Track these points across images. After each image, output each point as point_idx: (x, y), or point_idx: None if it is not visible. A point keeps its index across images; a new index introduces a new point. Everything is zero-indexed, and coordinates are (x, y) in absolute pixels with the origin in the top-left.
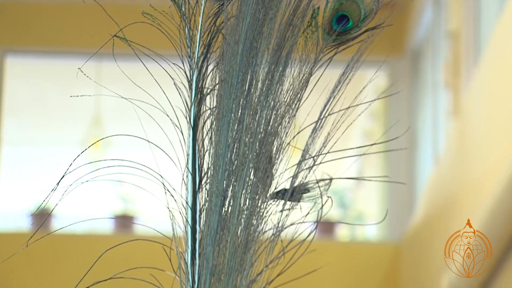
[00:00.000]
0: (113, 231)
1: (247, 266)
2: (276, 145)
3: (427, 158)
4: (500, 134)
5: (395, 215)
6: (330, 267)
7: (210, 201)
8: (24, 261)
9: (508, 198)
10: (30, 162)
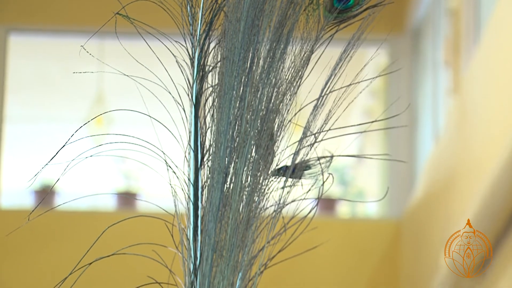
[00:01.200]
0: (116, 208)
1: (248, 243)
2: (277, 122)
3: (427, 136)
4: (500, 112)
5: (395, 192)
6: (331, 243)
7: (212, 178)
8: (28, 237)
9: (508, 175)
10: (33, 139)
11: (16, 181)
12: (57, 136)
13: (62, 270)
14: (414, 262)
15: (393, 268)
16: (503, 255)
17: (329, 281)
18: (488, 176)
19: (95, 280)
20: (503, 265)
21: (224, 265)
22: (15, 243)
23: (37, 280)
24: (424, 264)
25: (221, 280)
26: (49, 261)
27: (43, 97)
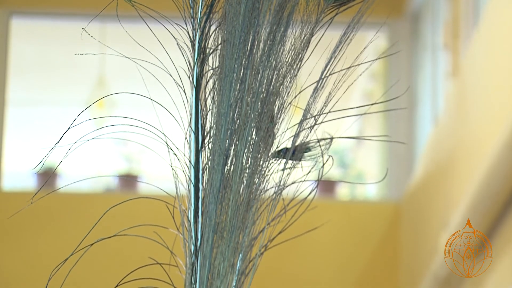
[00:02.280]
0: (118, 190)
1: (249, 224)
2: (277, 105)
3: (426, 118)
4: (498, 94)
5: (394, 174)
6: (330, 225)
7: (212, 160)
8: (30, 219)
9: (507, 156)
10: (35, 122)
11: (18, 164)
12: (59, 119)
13: (64, 252)
14: (413, 243)
15: (393, 250)
16: (502, 236)
17: (328, 263)
18: (487, 158)
19: (97, 261)
20: (502, 246)
21: (225, 246)
22: (18, 225)
23: (39, 261)
24: (423, 245)
25: (221, 261)
26: (51, 242)
27: (45, 80)
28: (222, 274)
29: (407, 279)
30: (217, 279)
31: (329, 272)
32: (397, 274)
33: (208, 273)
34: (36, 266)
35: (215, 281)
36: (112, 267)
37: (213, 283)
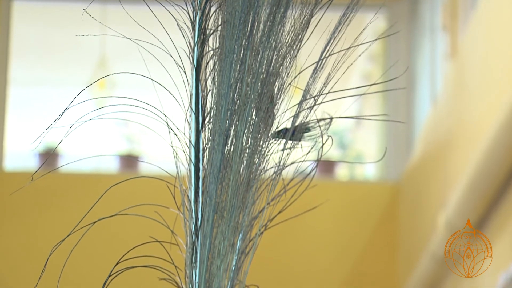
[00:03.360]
0: (119, 170)
1: (249, 204)
2: (277, 85)
3: (425, 99)
4: (496, 75)
5: (393, 155)
6: (330, 206)
7: (213, 140)
8: (32, 199)
9: (505, 136)
10: (37, 102)
11: (20, 143)
12: (60, 99)
13: (65, 231)
14: (412, 223)
15: (391, 229)
16: (500, 215)
17: (328, 243)
18: (485, 138)
19: (98, 240)
20: (500, 224)
21: (225, 225)
22: (20, 204)
23: (40, 240)
24: (422, 224)
25: (221, 240)
26: (52, 222)
27: (47, 61)
28: (222, 253)
29: (405, 258)
30: (217, 258)
31: (328, 252)
32: (395, 253)
33: (209, 252)
34: (38, 245)
35: (215, 260)
36: (113, 246)
37: (213, 262)
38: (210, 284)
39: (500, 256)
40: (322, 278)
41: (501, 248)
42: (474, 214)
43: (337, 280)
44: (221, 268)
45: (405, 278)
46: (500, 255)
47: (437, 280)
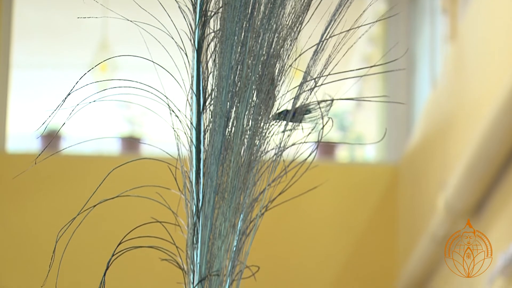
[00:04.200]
0: (120, 152)
1: (250, 185)
2: (278, 67)
3: (425, 81)
4: (496, 58)
5: (393, 137)
6: (330, 187)
7: (214, 122)
8: (35, 181)
9: (504, 118)
10: (39, 85)
11: (22, 126)
12: (62, 82)
13: (68, 213)
14: (411, 204)
15: (391, 211)
16: (499, 196)
17: (328, 224)
18: (484, 120)
19: (101, 222)
20: (499, 206)
21: (226, 207)
22: (22, 186)
23: (43, 222)
24: (422, 206)
25: (223, 221)
26: (55, 204)
27: (49, 44)
28: (223, 234)
29: (405, 239)
30: (219, 239)
31: (328, 233)
32: (395, 235)
33: (210, 233)
34: (41, 227)
35: (216, 241)
36: (115, 227)
37: (215, 243)
38: (211, 265)
39: (498, 237)
40: (322, 259)
41: (500, 229)
42: (473, 196)
43: (337, 261)
44: (222, 248)
45: (405, 258)
46: (499, 236)
47: (436, 261)
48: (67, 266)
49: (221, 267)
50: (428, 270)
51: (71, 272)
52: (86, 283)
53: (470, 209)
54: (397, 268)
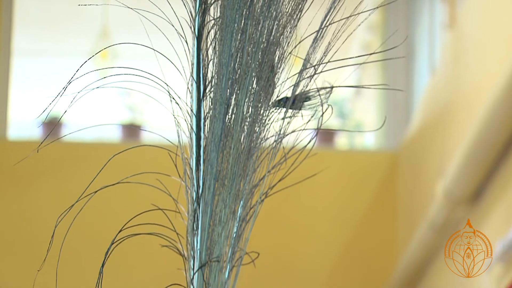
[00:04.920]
0: (121, 139)
1: (249, 172)
2: (278, 55)
3: (424, 69)
4: (494, 46)
5: (392, 124)
6: (329, 174)
7: (214, 109)
8: (36, 168)
9: (502, 106)
10: (40, 72)
11: (24, 113)
12: (63, 69)
13: (68, 199)
14: (410, 191)
15: (390, 198)
16: (497, 183)
17: (327, 211)
18: (483, 107)
19: (101, 209)
20: (496, 194)
21: (226, 193)
22: (23, 173)
23: (44, 209)
24: (421, 193)
25: (223, 208)
26: (56, 190)
27: (50, 32)
28: (223, 220)
29: (404, 226)
30: (219, 226)
31: (327, 220)
32: (394, 222)
33: (210, 220)
34: (42, 213)
35: (216, 227)
36: (116, 214)
37: (215, 229)
38: (211, 251)
39: (497, 223)
40: (321, 246)
41: (498, 216)
42: (472, 183)
43: (336, 248)
44: (222, 235)
45: (403, 245)
46: (497, 223)
47: (435, 247)
48: (68, 253)
49: (221, 254)
50: (426, 257)
51: (71, 258)
52: (86, 270)
53: (469, 196)
54: (396, 254)
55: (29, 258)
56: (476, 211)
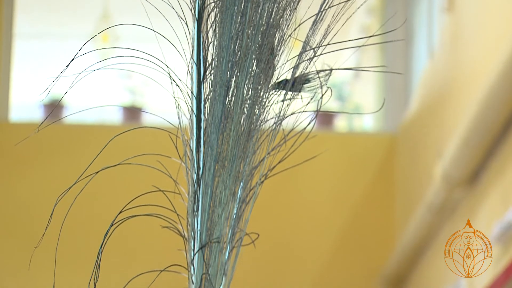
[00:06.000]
0: (122, 122)
1: (249, 154)
2: (277, 37)
3: (422, 52)
4: (492, 28)
5: (391, 107)
6: (328, 157)
7: (214, 91)
8: (37, 150)
9: (500, 88)
10: (42, 56)
11: (25, 96)
12: (64, 52)
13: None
14: (409, 173)
15: (389, 179)
16: (495, 165)
17: (326, 193)
18: (480, 91)
19: (102, 190)
20: (494, 176)
21: (226, 175)
22: (25, 155)
23: (45, 190)
24: (419, 175)
25: (223, 189)
26: (57, 172)
27: (51, 15)
28: (224, 202)
29: (402, 208)
30: (219, 207)
31: (326, 202)
32: (392, 203)
33: (210, 201)
34: (43, 194)
35: (216, 208)
36: (117, 195)
37: (215, 210)
38: (212, 232)
39: (494, 205)
40: (320, 227)
41: (495, 198)
42: (469, 165)
43: (335, 228)
44: (222, 216)
45: (402, 227)
46: (494, 204)
47: (433, 229)
48: (67, 233)
49: (221, 234)
50: (424, 238)
51: (71, 239)
52: (86, 251)
53: (467, 178)
54: (394, 235)
55: (29, 238)
56: (473, 193)
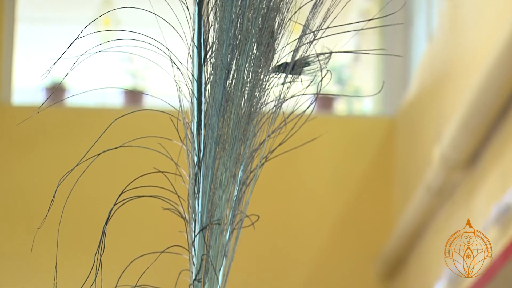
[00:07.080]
0: (123, 105)
1: (250, 136)
2: (278, 20)
3: (421, 35)
4: (490, 12)
5: (390, 90)
6: (328, 139)
7: (215, 74)
8: (39, 133)
9: (498, 71)
10: (44, 39)
11: (28, 79)
12: (66, 36)
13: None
14: (408, 156)
15: (388, 162)
16: (493, 148)
17: (326, 175)
18: (479, 74)
19: (104, 172)
20: (492, 158)
21: (227, 157)
22: (27, 137)
23: (47, 172)
24: (417, 158)
25: (223, 171)
26: (59, 155)
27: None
28: (224, 184)
29: (401, 190)
30: (219, 189)
31: (326, 184)
32: (391, 186)
33: (211, 183)
34: (44, 177)
35: (217, 190)
36: (118, 177)
37: (216, 192)
38: (212, 214)
39: (493, 187)
40: (320, 209)
41: (494, 180)
42: (468, 147)
43: (334, 211)
44: (223, 198)
45: (400, 209)
46: (493, 187)
47: (431, 211)
48: (70, 215)
49: (222, 216)
50: (423, 220)
51: (73, 220)
52: (88, 232)
53: (465, 160)
54: (393, 218)
55: (31, 221)
56: (472, 175)
